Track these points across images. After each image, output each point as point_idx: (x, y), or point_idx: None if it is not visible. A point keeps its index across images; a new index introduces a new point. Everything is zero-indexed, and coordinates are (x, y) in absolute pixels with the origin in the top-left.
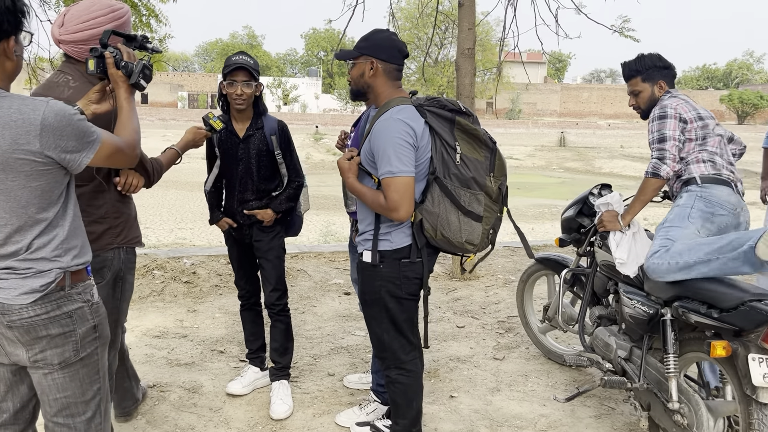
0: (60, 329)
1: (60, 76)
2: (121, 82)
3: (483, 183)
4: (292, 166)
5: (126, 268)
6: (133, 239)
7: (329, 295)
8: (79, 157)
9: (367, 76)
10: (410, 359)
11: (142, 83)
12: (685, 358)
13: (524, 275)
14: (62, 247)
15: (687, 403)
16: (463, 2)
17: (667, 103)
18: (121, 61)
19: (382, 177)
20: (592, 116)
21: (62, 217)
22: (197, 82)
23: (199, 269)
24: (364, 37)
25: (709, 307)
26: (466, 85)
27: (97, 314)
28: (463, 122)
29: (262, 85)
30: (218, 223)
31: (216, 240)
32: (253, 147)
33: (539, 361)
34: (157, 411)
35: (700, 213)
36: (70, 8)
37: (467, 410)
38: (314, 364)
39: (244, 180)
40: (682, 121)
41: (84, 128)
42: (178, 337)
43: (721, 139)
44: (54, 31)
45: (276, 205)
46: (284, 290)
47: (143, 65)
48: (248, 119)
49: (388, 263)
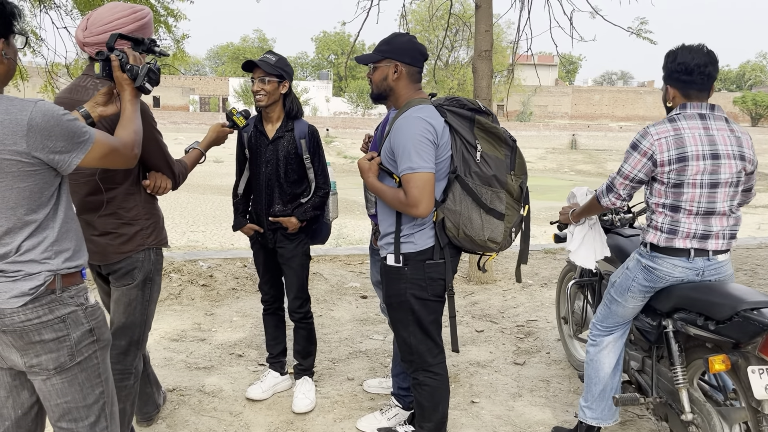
0: (53, 334)
1: (86, 79)
2: (126, 85)
3: (504, 181)
4: (320, 172)
5: (155, 270)
6: (161, 240)
7: (346, 299)
8: (68, 157)
9: (390, 79)
10: (438, 362)
11: (147, 86)
12: (694, 365)
13: (561, 275)
14: (52, 249)
15: (700, 414)
16: (480, 4)
17: (651, 132)
18: (127, 64)
19: (402, 173)
20: (604, 118)
21: (52, 218)
22: (208, 86)
23: (216, 272)
24: (386, 40)
25: (706, 319)
26: (483, 87)
27: (93, 317)
28: (483, 121)
29: (287, 84)
30: (242, 229)
31: (228, 243)
32: (282, 149)
33: (560, 366)
34: (178, 415)
35: (639, 287)
36: (93, 12)
37: (489, 416)
38: (333, 368)
39: (271, 182)
40: (652, 162)
41: (73, 128)
42: (197, 340)
43: (721, 190)
44: (78, 35)
45: (300, 214)
46: (306, 298)
47: (148, 68)
48: (278, 120)
49: (413, 265)
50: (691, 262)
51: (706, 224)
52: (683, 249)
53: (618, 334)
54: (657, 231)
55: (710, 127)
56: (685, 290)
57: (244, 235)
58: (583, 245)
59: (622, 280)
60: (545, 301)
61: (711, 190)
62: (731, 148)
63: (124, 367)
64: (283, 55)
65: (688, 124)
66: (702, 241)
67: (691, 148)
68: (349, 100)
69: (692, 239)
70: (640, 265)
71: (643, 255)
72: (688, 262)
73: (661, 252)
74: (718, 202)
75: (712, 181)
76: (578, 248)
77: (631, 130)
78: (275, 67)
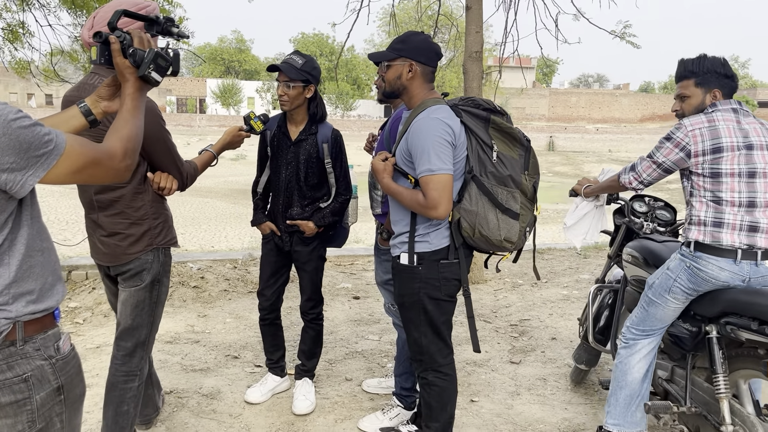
0: (11, 396)
1: (93, 78)
2: (128, 74)
3: (519, 181)
4: (342, 178)
5: (163, 271)
6: (170, 240)
7: (338, 300)
8: (21, 176)
9: (404, 78)
10: (447, 362)
11: (154, 76)
12: (735, 376)
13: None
14: (9, 293)
15: (742, 425)
16: (471, 5)
17: (685, 124)
18: (130, 47)
19: (421, 175)
20: (581, 120)
21: (7, 253)
22: (186, 87)
23: (207, 274)
24: (401, 39)
25: (761, 323)
26: (474, 88)
27: (63, 371)
28: (498, 121)
29: (313, 88)
30: (260, 226)
31: (208, 245)
32: (303, 152)
33: (556, 365)
34: (177, 418)
35: (682, 289)
36: (99, 10)
37: (489, 414)
38: (331, 369)
39: (291, 184)
40: (685, 153)
41: (28, 138)
42: (191, 342)
43: (759, 180)
44: (84, 34)
45: (319, 219)
46: (320, 299)
47: (155, 54)
48: (302, 123)
49: (427, 265)
50: (738, 265)
51: (752, 217)
52: (730, 249)
53: (653, 338)
54: (701, 226)
55: (741, 120)
56: (735, 293)
57: (225, 239)
58: (581, 222)
59: (662, 280)
60: (536, 301)
61: (749, 179)
62: (764, 139)
63: (129, 369)
64: (311, 56)
65: (722, 116)
66: (750, 235)
67: (726, 139)
68: (327, 102)
69: (739, 233)
70: (683, 265)
71: (686, 255)
72: (735, 265)
73: (707, 251)
74: (758, 192)
75: (750, 170)
76: (575, 224)
77: (607, 131)
78: (301, 72)
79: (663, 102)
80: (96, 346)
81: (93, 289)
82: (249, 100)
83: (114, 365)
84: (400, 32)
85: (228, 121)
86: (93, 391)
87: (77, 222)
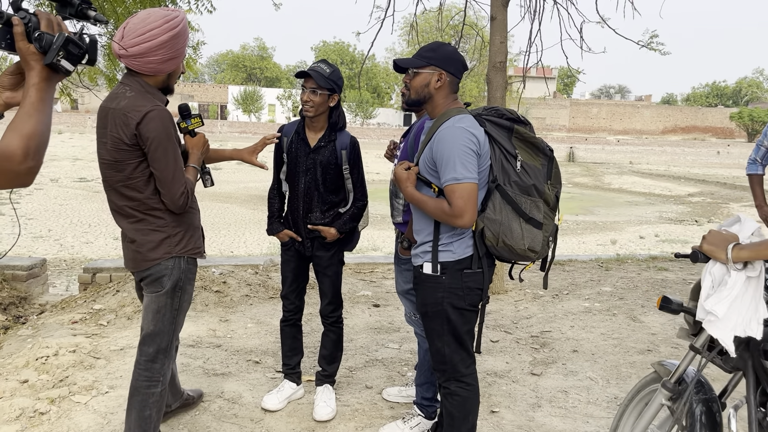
0: None
1: (120, 87)
2: (33, 61)
3: (542, 190)
4: (358, 184)
5: (186, 279)
6: (192, 249)
7: (358, 307)
8: None
9: (432, 86)
10: (470, 372)
11: (64, 65)
12: None
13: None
14: None
15: None
16: (496, 15)
17: None
18: (35, 30)
19: (446, 184)
20: (602, 132)
21: None
22: (207, 93)
23: (229, 279)
24: (431, 47)
25: None
26: (497, 98)
27: None
28: (522, 130)
29: (336, 97)
30: (278, 234)
31: (227, 250)
32: (322, 159)
33: (577, 378)
34: (199, 421)
35: None
36: (129, 21)
37: (510, 426)
38: (351, 376)
39: (310, 191)
40: None
41: None
42: (212, 346)
43: None
44: (114, 46)
45: (340, 225)
46: (340, 303)
47: (66, 39)
48: (321, 130)
49: (450, 274)
50: None
51: None
52: None
53: None
54: None
55: None
56: None
57: (245, 245)
58: (734, 307)
59: None
60: (558, 313)
61: None
62: None
63: (151, 375)
64: (336, 66)
65: None
66: None
67: None
68: (348, 110)
69: None
70: None
71: None
72: None
73: None
74: None
75: None
76: (726, 311)
77: (628, 143)
78: (328, 80)
79: (686, 114)
80: (120, 348)
81: (117, 292)
82: (270, 107)
83: (137, 370)
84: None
85: (249, 127)
86: (117, 393)
87: (99, 225)
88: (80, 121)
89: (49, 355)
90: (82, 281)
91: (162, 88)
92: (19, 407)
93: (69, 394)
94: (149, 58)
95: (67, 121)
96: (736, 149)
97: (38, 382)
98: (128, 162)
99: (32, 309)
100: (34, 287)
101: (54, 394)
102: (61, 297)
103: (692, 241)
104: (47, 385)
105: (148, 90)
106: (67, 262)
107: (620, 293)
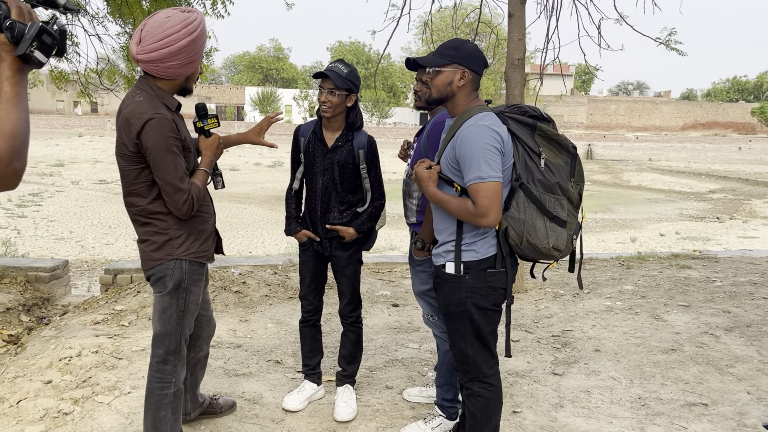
0: None
1: (132, 90)
2: (4, 52)
3: (566, 188)
4: (376, 183)
5: (191, 280)
6: (196, 253)
7: (378, 307)
8: None
9: (455, 84)
10: (493, 373)
11: (37, 56)
12: None
13: None
14: None
15: None
16: (513, 12)
17: None
18: (6, 19)
19: (470, 183)
20: (620, 129)
21: None
22: (224, 95)
23: (248, 279)
24: (452, 45)
25: None
26: (516, 96)
27: None
28: (545, 128)
29: (354, 97)
30: (296, 235)
31: (246, 250)
32: (339, 158)
33: (600, 377)
34: (221, 422)
35: None
36: (146, 23)
37: (532, 426)
38: (371, 376)
39: (328, 191)
40: None
41: None
42: (233, 347)
43: None
44: (132, 49)
45: (358, 225)
46: (359, 302)
47: (40, 29)
48: (339, 130)
49: (474, 274)
50: None
51: None
52: None
53: None
54: None
55: None
56: None
57: (263, 245)
58: None
59: None
60: (579, 312)
61: None
62: None
63: (163, 376)
64: (353, 66)
65: None
66: None
67: None
68: (364, 109)
69: None
70: None
71: None
72: None
73: None
74: None
75: None
76: None
77: (647, 140)
78: (346, 80)
79: (706, 110)
80: (141, 348)
81: (138, 293)
82: (287, 108)
83: (150, 372)
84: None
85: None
86: (139, 393)
87: (119, 227)
88: (100, 124)
89: (72, 356)
90: (104, 282)
91: (180, 90)
92: (43, 408)
93: (92, 395)
94: (168, 63)
95: (87, 124)
96: (758, 145)
97: (62, 382)
98: (131, 168)
99: (55, 310)
100: (57, 288)
101: (77, 394)
102: (83, 298)
103: (714, 238)
104: (71, 386)
105: (158, 94)
106: (89, 264)
107: (642, 292)
